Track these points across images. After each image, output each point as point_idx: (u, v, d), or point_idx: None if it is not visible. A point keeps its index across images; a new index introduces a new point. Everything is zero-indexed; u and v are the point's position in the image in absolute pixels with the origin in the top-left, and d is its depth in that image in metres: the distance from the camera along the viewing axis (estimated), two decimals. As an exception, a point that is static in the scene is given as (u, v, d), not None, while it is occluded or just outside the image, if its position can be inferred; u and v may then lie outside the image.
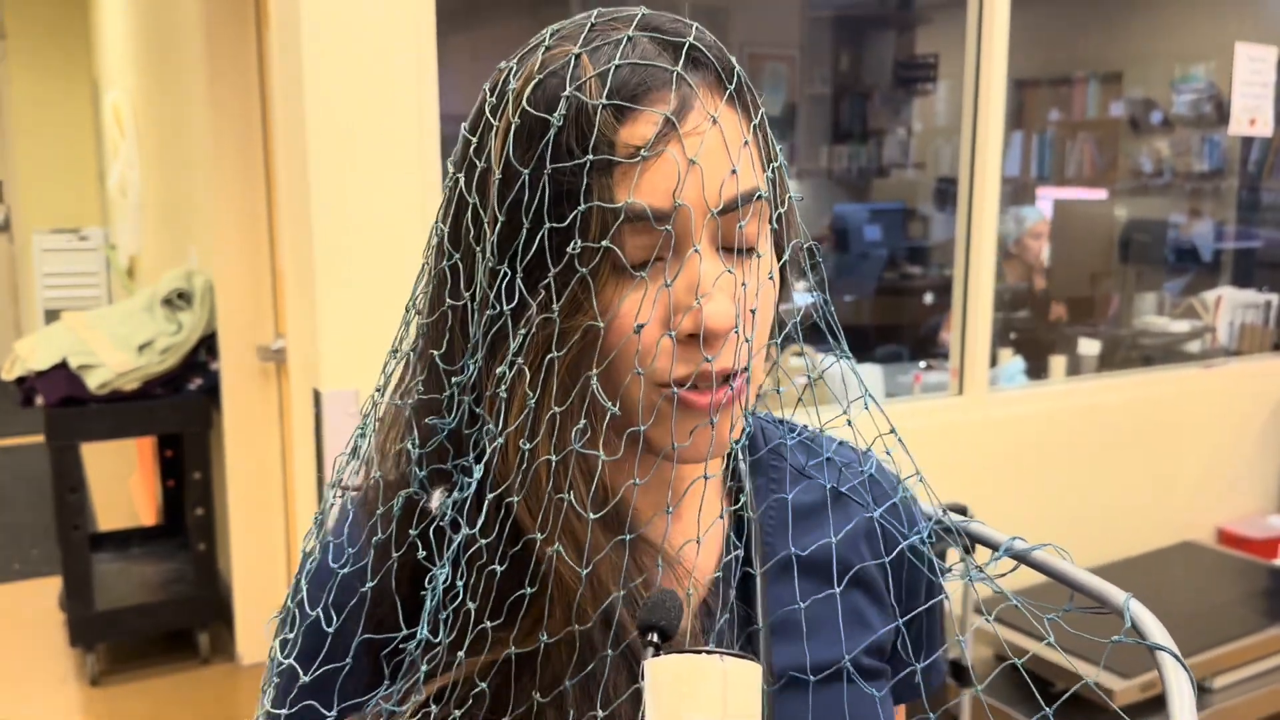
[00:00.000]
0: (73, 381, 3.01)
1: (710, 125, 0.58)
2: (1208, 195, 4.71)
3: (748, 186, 0.59)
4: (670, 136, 0.57)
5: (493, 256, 0.59)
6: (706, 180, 0.58)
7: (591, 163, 0.57)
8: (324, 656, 0.64)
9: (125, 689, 3.10)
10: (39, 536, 4.26)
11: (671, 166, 0.57)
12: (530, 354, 0.59)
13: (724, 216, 0.59)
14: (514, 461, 0.60)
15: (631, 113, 0.57)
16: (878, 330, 4.40)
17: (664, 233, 0.58)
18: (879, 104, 5.16)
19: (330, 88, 1.98)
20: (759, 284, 0.61)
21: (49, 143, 7.25)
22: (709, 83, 0.60)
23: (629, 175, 0.57)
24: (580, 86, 0.57)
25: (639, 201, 0.57)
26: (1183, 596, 2.77)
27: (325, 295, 2.03)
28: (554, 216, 0.57)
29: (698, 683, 0.51)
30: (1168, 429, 3.12)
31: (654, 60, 0.59)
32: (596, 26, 0.61)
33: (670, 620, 0.55)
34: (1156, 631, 0.64)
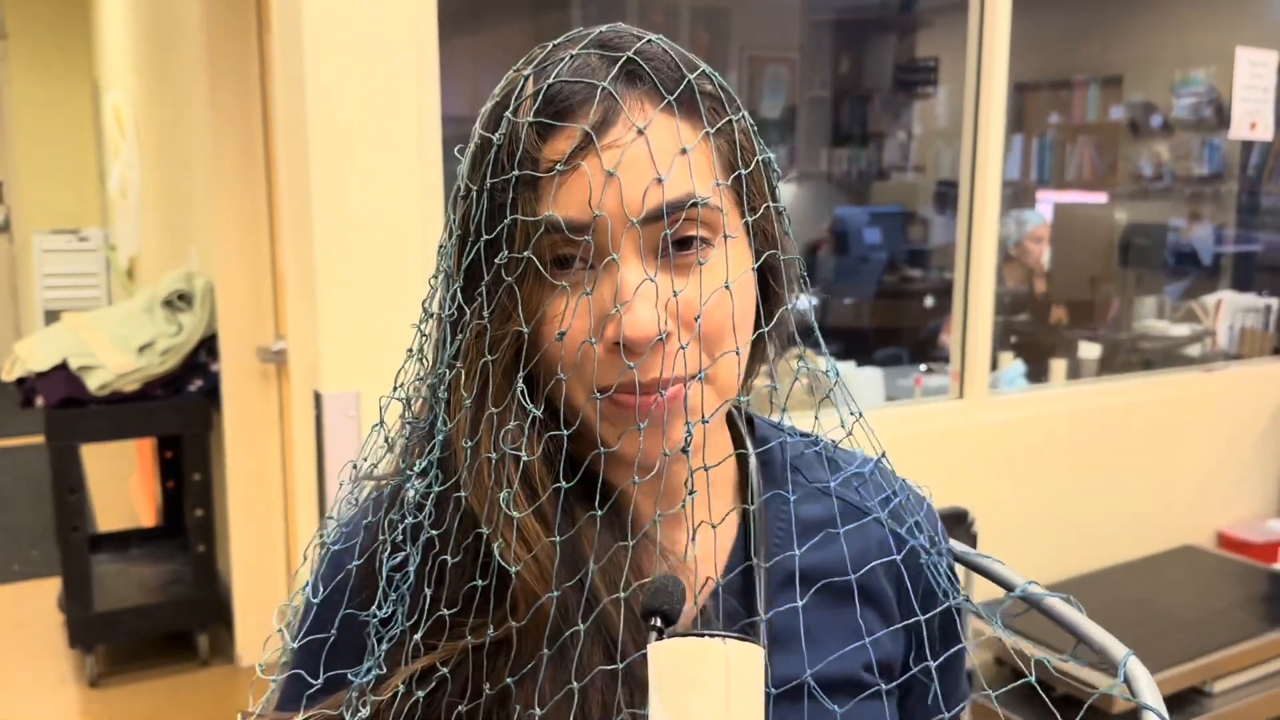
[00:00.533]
0: (73, 382, 3.01)
1: (634, 136, 0.59)
2: (1207, 199, 4.71)
3: (678, 194, 0.59)
4: (589, 150, 0.59)
5: (450, 266, 0.65)
6: (628, 190, 0.59)
7: (516, 178, 0.60)
8: (309, 627, 0.69)
9: (124, 690, 3.10)
10: (38, 537, 4.26)
11: (587, 179, 0.59)
12: (467, 358, 0.63)
13: (653, 226, 0.59)
14: (460, 458, 0.63)
15: (554, 128, 0.60)
16: (877, 333, 4.40)
17: (584, 243, 0.60)
18: (879, 107, 5.16)
19: (332, 90, 1.98)
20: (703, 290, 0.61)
21: (49, 143, 7.26)
22: (644, 94, 0.61)
23: (550, 188, 0.60)
24: (518, 106, 0.61)
25: (555, 214, 0.59)
26: (1183, 601, 2.77)
27: (326, 297, 2.03)
28: (489, 230, 0.61)
29: (701, 665, 0.52)
30: (1168, 433, 3.12)
31: (589, 77, 0.60)
32: (557, 46, 0.63)
33: (673, 605, 0.56)
34: (1148, 691, 0.66)
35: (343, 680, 0.66)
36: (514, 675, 0.62)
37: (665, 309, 0.60)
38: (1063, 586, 2.79)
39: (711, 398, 0.63)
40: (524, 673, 0.61)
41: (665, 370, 0.60)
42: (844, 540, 0.70)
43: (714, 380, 0.63)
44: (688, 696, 0.52)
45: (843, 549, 0.70)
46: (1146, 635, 2.51)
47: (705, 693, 0.52)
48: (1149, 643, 2.47)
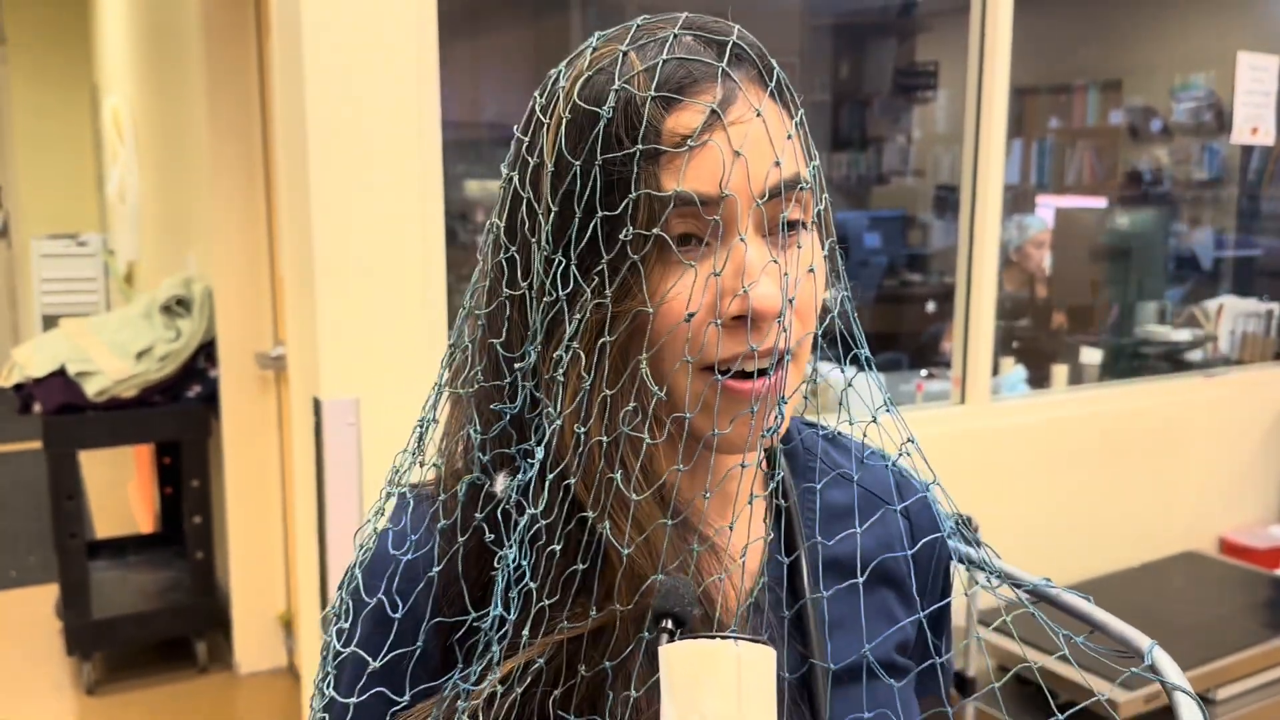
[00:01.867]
0: (71, 388, 2.99)
1: (754, 117, 0.61)
2: (1208, 203, 4.71)
3: (791, 175, 0.61)
4: (716, 126, 0.60)
5: (548, 246, 0.62)
6: (752, 169, 0.60)
7: (640, 152, 0.59)
8: (392, 642, 0.65)
9: (122, 698, 3.09)
10: (35, 544, 4.24)
11: (717, 155, 0.59)
12: (583, 338, 0.61)
13: (769, 204, 0.61)
14: (570, 443, 0.61)
15: (678, 103, 0.60)
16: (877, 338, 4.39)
17: (712, 221, 0.60)
18: (878, 112, 5.16)
19: (332, 96, 1.97)
20: (799, 272, 0.62)
21: (48, 148, 7.25)
22: (751, 78, 0.63)
23: (676, 164, 0.59)
24: (629, 80, 0.60)
25: (687, 189, 0.59)
26: (1185, 607, 2.76)
27: (325, 303, 2.02)
28: (605, 205, 0.60)
29: (712, 667, 0.52)
30: (1170, 438, 3.12)
31: (699, 56, 0.61)
32: (642, 28, 0.63)
33: (684, 607, 0.56)
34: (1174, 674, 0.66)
35: (422, 695, 0.63)
36: (612, 660, 0.60)
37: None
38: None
39: (794, 376, 0.64)
40: (623, 656, 0.60)
41: (785, 343, 0.61)
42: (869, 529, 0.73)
43: (798, 360, 0.65)
44: (700, 698, 0.51)
45: (870, 535, 0.73)
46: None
47: (717, 694, 0.51)
48: (1152, 649, 2.45)
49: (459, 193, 3.22)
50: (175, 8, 3.45)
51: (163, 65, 3.83)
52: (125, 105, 4.74)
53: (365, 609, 0.66)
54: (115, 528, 4.12)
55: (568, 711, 0.60)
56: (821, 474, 0.74)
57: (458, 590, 0.64)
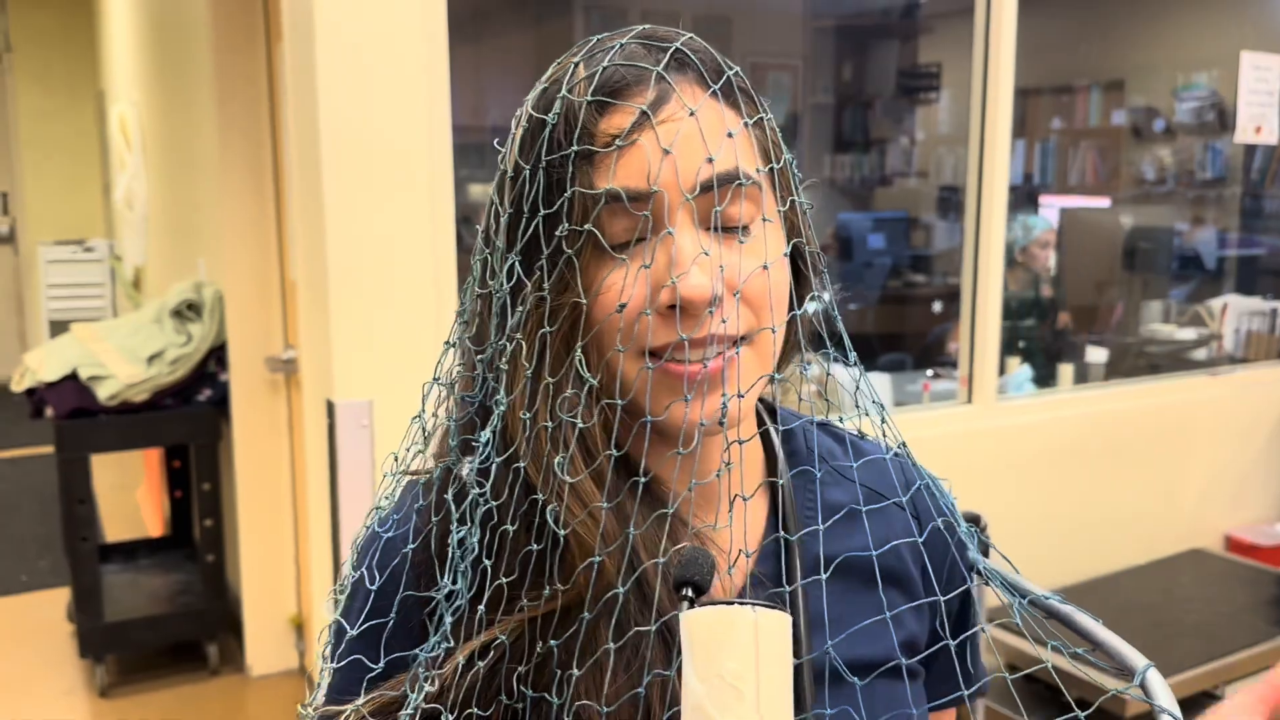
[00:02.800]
0: (82, 393, 3.01)
1: (687, 115, 0.63)
2: (1211, 203, 4.72)
3: (726, 169, 0.63)
4: (645, 126, 0.63)
5: (502, 246, 0.66)
6: (681, 165, 0.62)
7: (575, 153, 0.63)
8: (368, 613, 0.69)
9: (135, 700, 3.10)
10: (46, 548, 4.26)
11: (645, 153, 0.62)
12: (527, 329, 0.65)
13: (703, 199, 0.63)
14: (517, 429, 0.65)
15: (611, 106, 0.63)
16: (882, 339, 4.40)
17: (642, 216, 0.63)
18: (882, 113, 5.17)
19: (344, 101, 1.99)
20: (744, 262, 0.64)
21: (54, 155, 7.28)
22: (691, 80, 0.65)
23: (607, 162, 0.62)
24: (572, 88, 0.64)
25: (616, 187, 0.62)
26: (1192, 604, 2.77)
27: (339, 306, 2.04)
28: (546, 204, 0.64)
29: (731, 632, 0.54)
30: (1175, 437, 3.13)
31: (639, 61, 0.64)
32: (600, 40, 0.67)
33: (703, 576, 0.58)
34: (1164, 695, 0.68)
35: (402, 664, 0.67)
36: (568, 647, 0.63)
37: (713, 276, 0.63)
38: (1072, 591, 2.79)
39: (752, 363, 0.66)
40: (568, 635, 0.63)
41: (715, 328, 0.63)
42: (869, 525, 0.72)
43: (755, 346, 0.66)
44: (720, 661, 0.54)
45: (873, 533, 0.72)
46: (1156, 640, 2.51)
47: (736, 658, 0.54)
48: (1159, 647, 2.47)
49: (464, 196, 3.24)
50: (183, 14, 3.47)
51: (171, 72, 3.85)
52: (133, 112, 4.76)
53: (350, 583, 0.71)
54: (125, 532, 4.14)
55: (533, 688, 0.63)
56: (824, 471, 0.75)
57: (430, 568, 0.68)
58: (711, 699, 0.54)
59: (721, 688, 0.54)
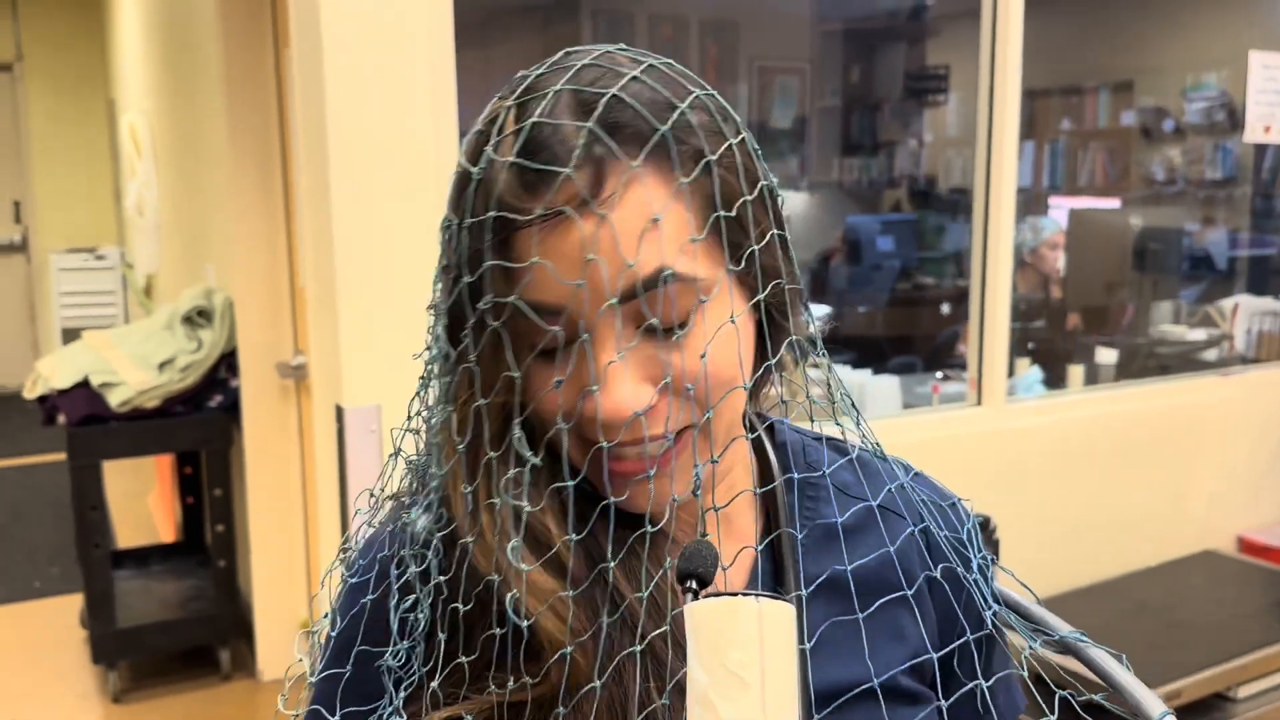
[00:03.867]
0: (94, 400, 3.03)
1: (597, 222, 0.57)
2: (1221, 203, 4.70)
3: (650, 270, 0.58)
4: (561, 228, 0.57)
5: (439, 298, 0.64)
6: (593, 272, 0.57)
7: (492, 237, 0.58)
8: (328, 661, 0.69)
9: (147, 706, 3.12)
10: (59, 554, 4.28)
11: (564, 264, 0.57)
12: (458, 400, 0.62)
13: (629, 302, 0.58)
14: (458, 505, 0.62)
15: (535, 191, 0.58)
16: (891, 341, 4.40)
17: (553, 332, 0.58)
18: (889, 116, 5.17)
19: (352, 107, 2.00)
20: (679, 356, 0.60)
21: (66, 163, 7.32)
22: (623, 154, 0.58)
23: (525, 253, 0.58)
24: (497, 148, 0.59)
25: (530, 297, 0.58)
26: (1204, 606, 2.76)
27: (347, 311, 2.05)
28: (470, 269, 0.60)
29: (735, 622, 0.54)
30: (1187, 438, 3.12)
31: (561, 140, 0.58)
32: (537, 90, 0.60)
33: (707, 568, 0.58)
34: None
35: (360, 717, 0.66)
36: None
37: (649, 377, 0.60)
38: (1083, 593, 2.78)
39: (704, 442, 0.62)
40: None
41: (655, 428, 0.60)
42: (870, 541, 0.70)
43: (714, 429, 0.62)
44: (724, 652, 0.54)
45: (875, 553, 0.70)
46: (1168, 641, 2.50)
47: (741, 647, 0.54)
48: (1171, 649, 2.46)
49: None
50: (192, 22, 3.49)
51: (181, 79, 3.87)
52: (143, 120, 4.79)
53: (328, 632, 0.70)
54: (137, 538, 4.15)
55: None
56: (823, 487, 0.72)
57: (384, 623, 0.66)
58: (716, 689, 0.54)
59: (726, 678, 0.54)
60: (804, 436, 0.76)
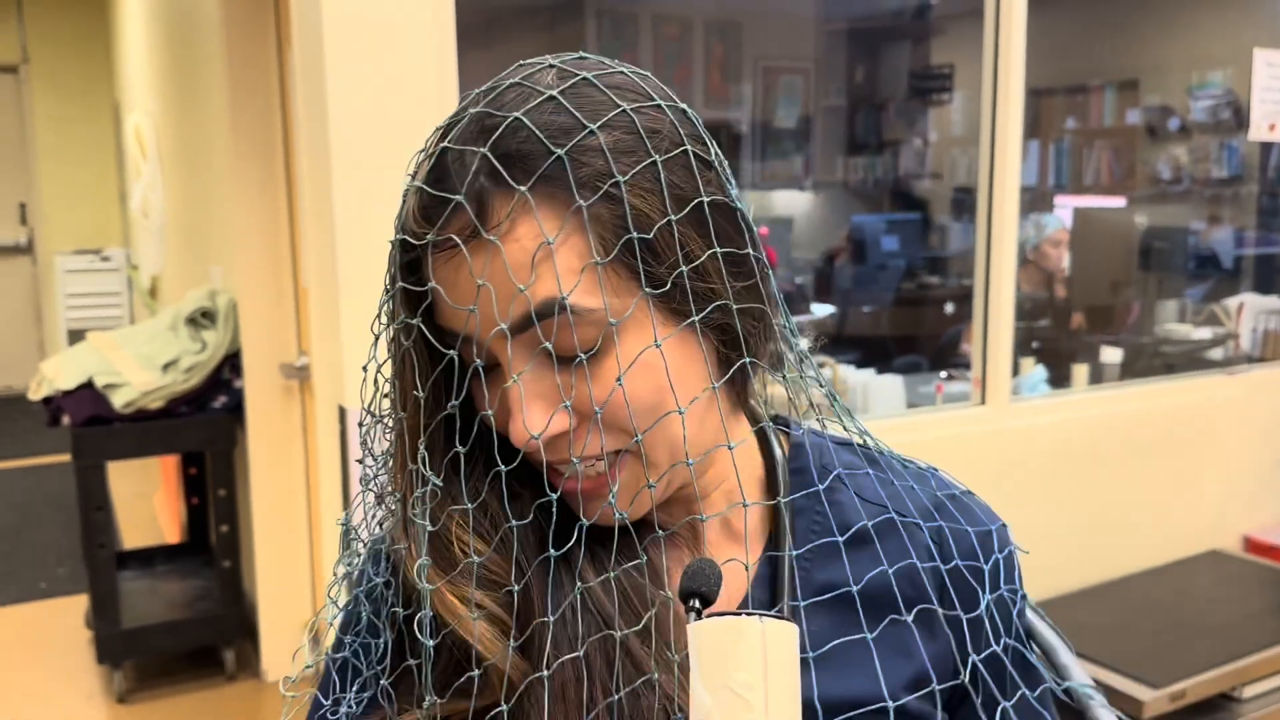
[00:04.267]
0: (98, 401, 3.03)
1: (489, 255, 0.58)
2: (1227, 201, 4.69)
3: (543, 299, 0.57)
4: (453, 257, 0.59)
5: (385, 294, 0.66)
6: (499, 301, 0.58)
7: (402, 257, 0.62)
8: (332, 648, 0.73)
9: (152, 705, 3.12)
10: (64, 555, 4.29)
11: (457, 291, 0.60)
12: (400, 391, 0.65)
13: (526, 332, 0.59)
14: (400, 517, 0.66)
15: (431, 218, 0.60)
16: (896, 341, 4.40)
17: (449, 356, 0.61)
18: (894, 115, 5.17)
19: (353, 107, 2.00)
20: (589, 383, 0.60)
21: (71, 165, 7.33)
22: (503, 189, 0.58)
23: (430, 272, 0.61)
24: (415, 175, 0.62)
25: (428, 326, 0.61)
26: (1210, 606, 2.75)
27: (350, 312, 2.05)
28: (388, 287, 0.64)
29: (739, 642, 0.54)
30: (1192, 437, 3.11)
31: (462, 169, 0.59)
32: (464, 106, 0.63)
33: (710, 587, 0.58)
34: None
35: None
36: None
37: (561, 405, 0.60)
38: (1089, 593, 2.78)
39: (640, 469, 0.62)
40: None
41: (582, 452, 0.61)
42: (883, 549, 0.68)
43: (649, 455, 0.62)
44: (728, 671, 0.54)
45: (884, 561, 0.67)
46: (1174, 641, 2.50)
47: (745, 667, 0.54)
48: (1177, 649, 2.45)
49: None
50: (196, 24, 3.50)
51: (185, 82, 3.88)
52: (148, 122, 4.80)
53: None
54: (142, 539, 4.16)
55: None
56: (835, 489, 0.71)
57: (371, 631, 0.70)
58: (720, 710, 0.54)
59: (730, 698, 0.54)
60: (826, 440, 0.74)
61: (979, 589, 0.69)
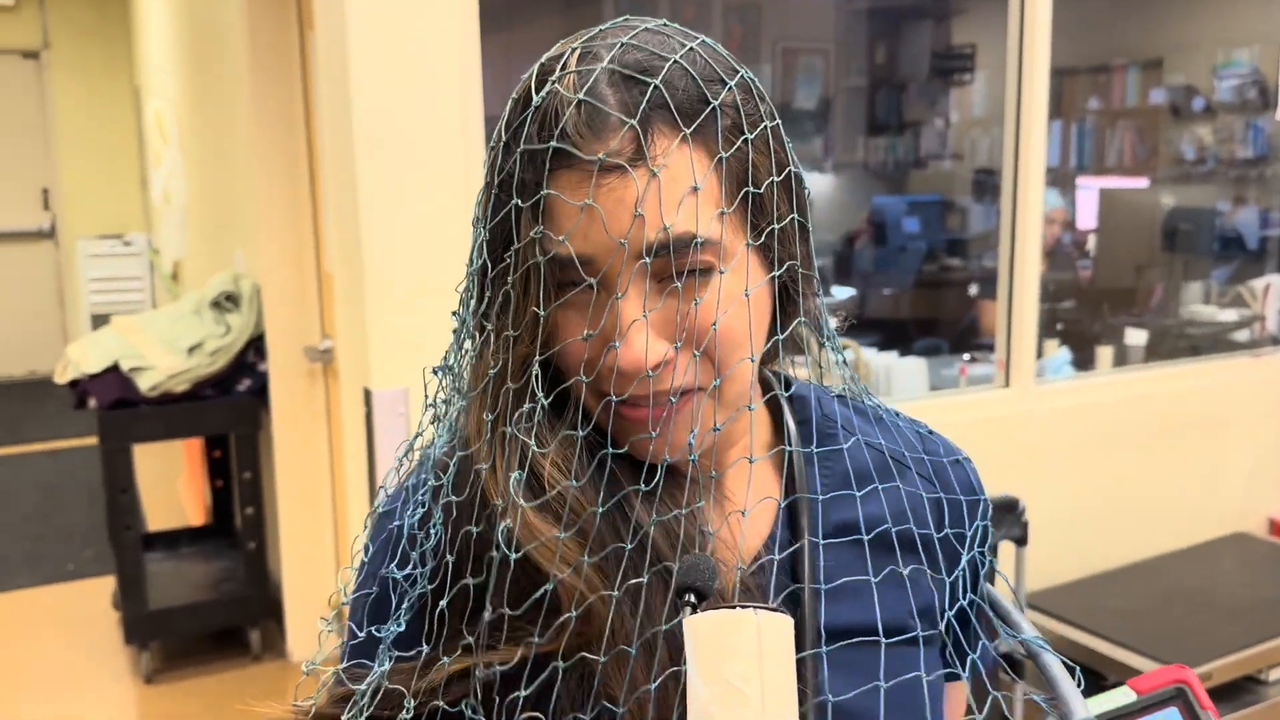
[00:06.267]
0: (124, 384, 3.06)
1: (647, 180, 0.61)
2: (1252, 182, 4.64)
3: (682, 231, 0.61)
4: (604, 184, 0.61)
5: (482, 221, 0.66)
6: (635, 229, 0.61)
7: (529, 194, 0.62)
8: (360, 584, 0.73)
9: (179, 686, 3.16)
10: (91, 538, 4.33)
11: (595, 215, 0.61)
12: (491, 328, 0.66)
13: (657, 259, 0.61)
14: (474, 428, 0.66)
15: (571, 156, 0.61)
16: (917, 323, 4.38)
17: (586, 282, 0.62)
18: (915, 96, 5.13)
19: (376, 91, 2.00)
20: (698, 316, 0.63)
21: (93, 150, 7.37)
22: (662, 123, 0.61)
23: (564, 210, 0.61)
24: (542, 117, 0.62)
25: (560, 251, 0.62)
26: (1236, 588, 2.74)
27: (374, 295, 2.05)
28: (506, 217, 0.64)
29: (734, 635, 0.55)
30: (1217, 419, 3.09)
31: (606, 100, 0.61)
32: (586, 50, 0.64)
33: (705, 581, 0.58)
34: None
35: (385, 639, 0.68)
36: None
37: (667, 334, 0.63)
38: (1114, 575, 2.77)
39: (711, 407, 0.65)
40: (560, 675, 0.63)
41: (667, 383, 0.63)
42: (886, 491, 0.73)
43: (723, 393, 0.65)
44: (724, 664, 0.54)
45: (890, 500, 0.73)
46: (1200, 624, 2.49)
47: (740, 660, 0.55)
48: (1202, 631, 2.44)
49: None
50: (217, 7, 3.50)
51: (206, 66, 3.88)
52: (169, 107, 4.81)
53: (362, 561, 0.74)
54: (168, 521, 4.20)
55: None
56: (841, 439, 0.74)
57: (398, 543, 0.69)
58: (717, 702, 0.54)
59: (727, 691, 0.54)
60: (822, 393, 0.78)
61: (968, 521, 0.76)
